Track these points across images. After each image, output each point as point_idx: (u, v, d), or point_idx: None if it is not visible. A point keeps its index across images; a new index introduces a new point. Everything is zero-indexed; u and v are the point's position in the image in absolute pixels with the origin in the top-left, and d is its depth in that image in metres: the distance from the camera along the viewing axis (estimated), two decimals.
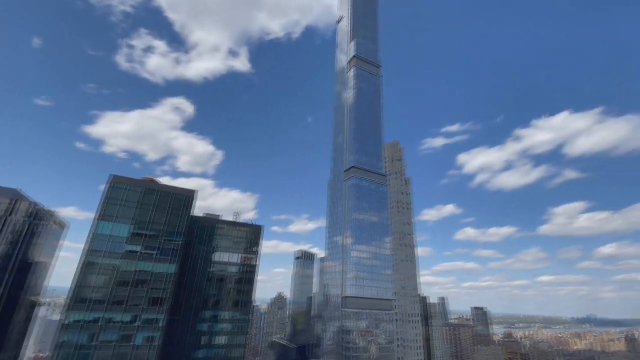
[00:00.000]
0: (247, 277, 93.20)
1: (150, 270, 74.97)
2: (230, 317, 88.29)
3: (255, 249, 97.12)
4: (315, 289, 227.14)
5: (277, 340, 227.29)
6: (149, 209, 78.66)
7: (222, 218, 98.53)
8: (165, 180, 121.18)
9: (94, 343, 66.49)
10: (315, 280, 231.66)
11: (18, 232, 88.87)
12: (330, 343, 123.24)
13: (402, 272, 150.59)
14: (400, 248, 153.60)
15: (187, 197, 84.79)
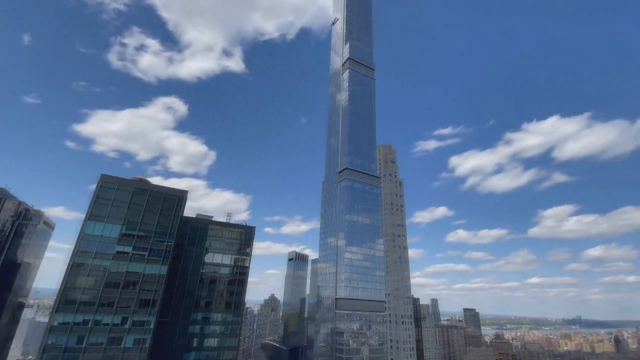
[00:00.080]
0: (239, 278, 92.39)
1: (141, 272, 73.82)
2: (222, 319, 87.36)
3: (248, 251, 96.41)
4: (308, 291, 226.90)
5: (269, 342, 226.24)
6: (140, 210, 77.59)
7: (214, 219, 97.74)
8: (157, 181, 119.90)
9: (82, 346, 65.19)
10: (308, 282, 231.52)
11: (4, 232, 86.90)
12: (323, 345, 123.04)
13: (394, 273, 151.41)
14: (393, 250, 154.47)
15: (178, 197, 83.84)
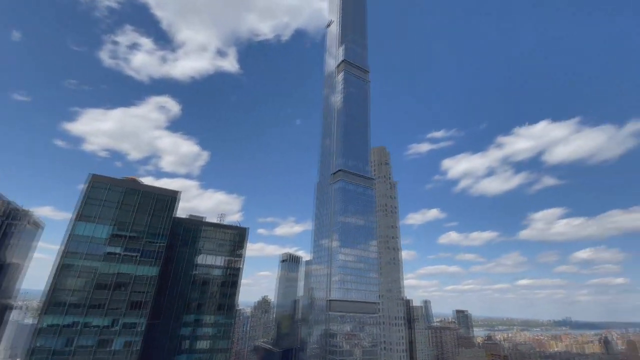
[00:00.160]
0: (231, 280, 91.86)
1: (132, 273, 73.11)
2: (214, 321, 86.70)
3: (240, 252, 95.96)
4: (301, 293, 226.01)
5: (261, 345, 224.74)
6: (131, 210, 76.77)
7: (206, 220, 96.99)
8: (148, 181, 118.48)
9: (71, 348, 64.22)
10: (301, 284, 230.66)
11: None
12: (315, 347, 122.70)
13: (387, 275, 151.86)
14: (386, 251, 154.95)
15: (170, 198, 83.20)
